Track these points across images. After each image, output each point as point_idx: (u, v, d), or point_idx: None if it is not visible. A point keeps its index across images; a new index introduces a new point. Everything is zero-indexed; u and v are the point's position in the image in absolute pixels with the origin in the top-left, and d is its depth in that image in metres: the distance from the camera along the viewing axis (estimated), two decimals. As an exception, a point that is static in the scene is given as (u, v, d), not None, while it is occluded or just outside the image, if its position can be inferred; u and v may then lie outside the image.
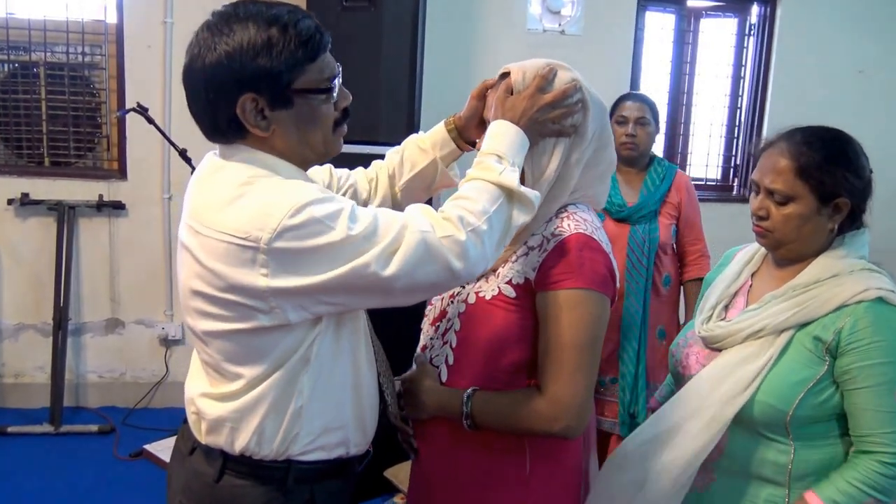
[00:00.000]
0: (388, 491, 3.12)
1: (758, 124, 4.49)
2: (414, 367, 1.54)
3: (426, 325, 1.58)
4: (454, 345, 1.46)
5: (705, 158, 4.61)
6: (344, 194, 1.57)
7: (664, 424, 1.60)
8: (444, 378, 1.47)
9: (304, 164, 1.34)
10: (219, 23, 1.22)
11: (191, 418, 1.40)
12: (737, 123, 4.58)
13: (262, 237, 1.15)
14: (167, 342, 4.09)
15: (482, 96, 1.52)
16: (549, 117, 1.38)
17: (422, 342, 1.57)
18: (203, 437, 1.35)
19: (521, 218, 1.30)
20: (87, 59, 3.77)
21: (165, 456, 3.45)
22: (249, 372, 1.28)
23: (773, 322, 1.49)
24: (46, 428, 3.71)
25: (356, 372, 1.37)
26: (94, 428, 3.77)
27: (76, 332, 3.97)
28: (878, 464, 1.40)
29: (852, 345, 1.42)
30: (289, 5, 1.25)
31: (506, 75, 1.45)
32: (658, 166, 3.00)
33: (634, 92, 3.17)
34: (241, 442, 1.30)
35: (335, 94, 1.30)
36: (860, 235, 1.54)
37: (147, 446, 3.56)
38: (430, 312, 1.58)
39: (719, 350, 1.57)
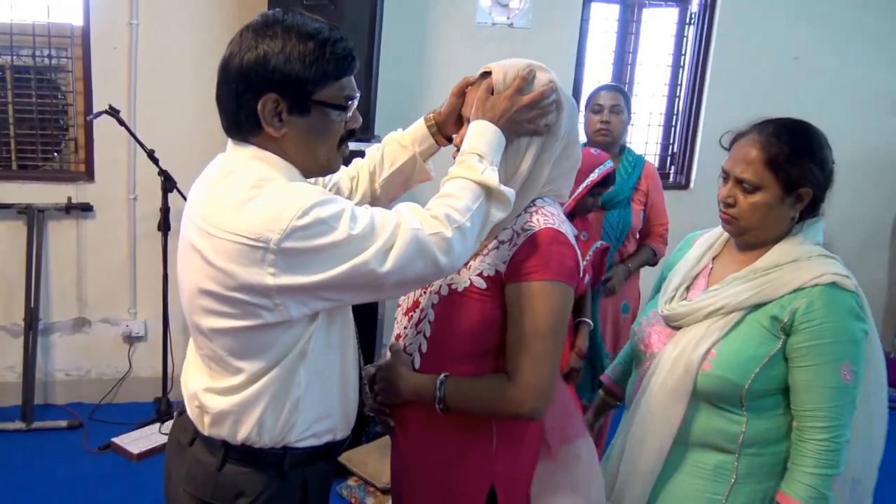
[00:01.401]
0: (341, 475, 3.25)
1: (695, 113, 4.60)
2: (388, 355, 1.61)
3: (399, 315, 1.65)
4: (428, 334, 1.54)
5: (644, 147, 4.68)
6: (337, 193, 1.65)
7: (636, 412, 1.72)
8: (416, 365, 1.56)
9: (306, 174, 1.41)
10: (264, 26, 1.31)
11: (193, 412, 1.47)
12: (675, 112, 4.68)
13: (272, 238, 1.22)
14: (130, 339, 4.13)
15: (462, 93, 1.58)
16: (526, 118, 1.45)
17: (395, 331, 1.65)
18: (206, 430, 1.43)
19: (497, 214, 1.39)
20: (54, 61, 3.85)
21: (132, 448, 3.54)
22: (251, 367, 1.35)
23: (733, 301, 1.59)
24: (18, 425, 3.75)
25: (343, 363, 1.47)
26: (63, 424, 3.81)
27: (45, 332, 4.00)
28: (824, 441, 1.52)
29: (805, 324, 1.53)
30: (332, 24, 1.35)
31: (487, 74, 1.51)
32: (629, 156, 3.21)
33: (609, 83, 3.32)
34: (243, 433, 1.38)
35: (349, 114, 1.40)
36: (817, 223, 1.65)
37: (114, 439, 3.62)
38: (404, 303, 1.65)
39: (679, 328, 1.69)
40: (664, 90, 4.67)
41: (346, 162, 1.70)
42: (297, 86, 1.30)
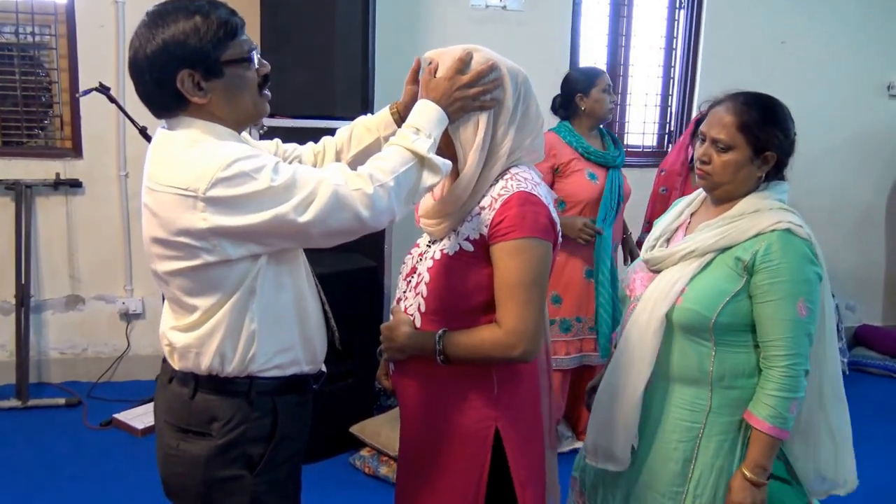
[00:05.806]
0: (354, 446, 3.36)
1: (689, 93, 4.69)
2: (392, 316, 1.76)
3: (400, 281, 1.80)
4: (425, 295, 1.67)
5: (642, 126, 4.82)
6: (290, 163, 1.79)
7: (622, 346, 1.91)
8: (418, 324, 1.69)
9: (239, 127, 1.58)
10: (153, 18, 1.47)
11: (165, 350, 1.64)
12: (670, 93, 4.79)
13: (200, 188, 1.39)
14: (128, 317, 4.17)
15: (415, 80, 1.73)
16: (468, 94, 1.59)
17: (397, 295, 1.79)
18: (177, 364, 1.60)
19: (430, 180, 1.53)
20: (37, 38, 3.78)
21: (135, 423, 3.55)
22: (204, 303, 1.51)
23: (703, 245, 1.79)
24: (14, 402, 3.77)
25: (300, 302, 1.62)
26: (61, 401, 3.84)
27: (36, 310, 4.02)
28: (784, 368, 1.71)
29: (764, 264, 1.71)
30: None
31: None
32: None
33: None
34: (205, 363, 1.54)
35: (255, 63, 1.54)
36: (781, 185, 1.86)
37: (117, 415, 3.64)
38: (403, 270, 1.80)
39: (658, 272, 1.88)
40: (658, 72, 4.76)
41: (317, 140, 1.88)
42: (203, 55, 1.46)
